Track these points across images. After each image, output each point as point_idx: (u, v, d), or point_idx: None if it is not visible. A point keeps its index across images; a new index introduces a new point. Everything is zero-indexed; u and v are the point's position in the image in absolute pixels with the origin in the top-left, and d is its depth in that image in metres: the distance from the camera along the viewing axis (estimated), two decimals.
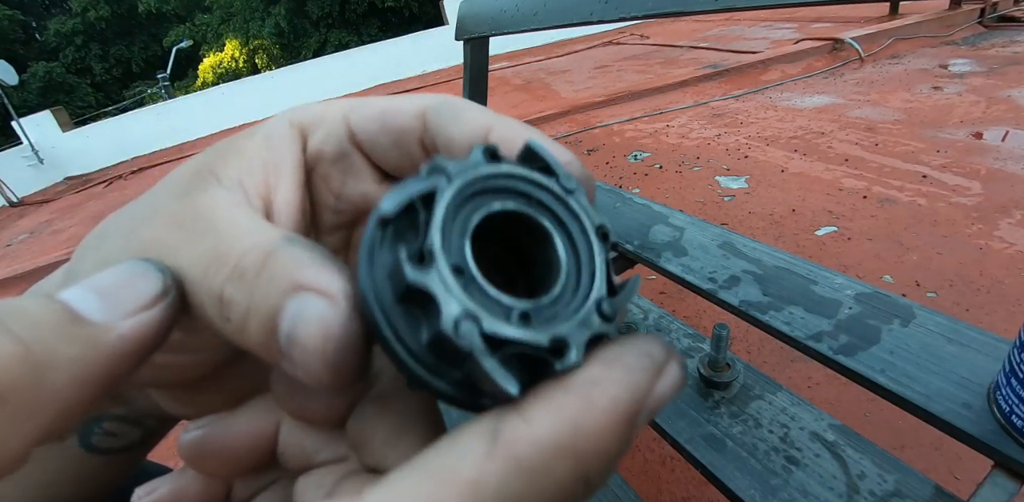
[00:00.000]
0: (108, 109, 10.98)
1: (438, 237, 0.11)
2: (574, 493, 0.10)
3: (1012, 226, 1.31)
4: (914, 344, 0.46)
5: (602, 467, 0.10)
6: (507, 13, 0.85)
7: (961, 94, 2.17)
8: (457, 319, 0.10)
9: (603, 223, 0.13)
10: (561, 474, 0.10)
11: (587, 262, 0.13)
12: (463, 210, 0.12)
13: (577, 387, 0.10)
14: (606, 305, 0.12)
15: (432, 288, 0.10)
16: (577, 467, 0.10)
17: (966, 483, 0.76)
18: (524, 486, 0.09)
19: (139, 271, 0.11)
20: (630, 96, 2.98)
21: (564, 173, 0.13)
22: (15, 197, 5.07)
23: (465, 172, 0.12)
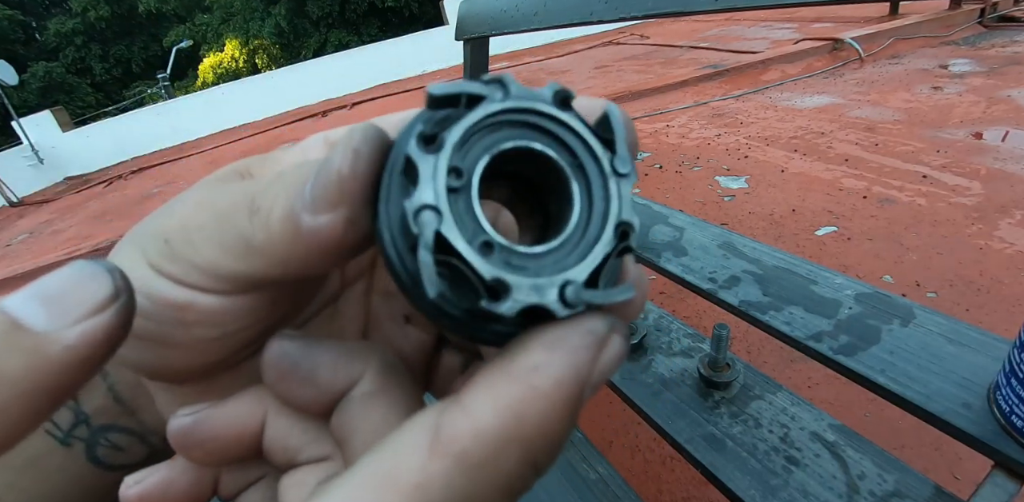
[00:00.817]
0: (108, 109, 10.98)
1: (459, 133, 0.11)
2: (523, 478, 0.10)
3: (1012, 226, 1.31)
4: (914, 344, 0.46)
5: (549, 449, 0.10)
6: (507, 13, 0.85)
7: (961, 94, 2.17)
8: (422, 206, 0.10)
9: (628, 220, 0.12)
10: (508, 464, 0.10)
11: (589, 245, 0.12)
12: (502, 131, 0.12)
13: (519, 373, 0.10)
14: (570, 291, 0.11)
15: (420, 169, 0.11)
16: (524, 454, 0.10)
17: (966, 483, 0.76)
18: (471, 481, 0.09)
19: (87, 273, 0.11)
20: (630, 96, 2.98)
21: (623, 155, 0.12)
22: (15, 197, 5.07)
23: (523, 98, 0.12)
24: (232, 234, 0.12)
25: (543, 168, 0.12)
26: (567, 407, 0.10)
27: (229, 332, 0.14)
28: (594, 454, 0.47)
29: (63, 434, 0.17)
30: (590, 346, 0.11)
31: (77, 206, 4.36)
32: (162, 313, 0.13)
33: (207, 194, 0.13)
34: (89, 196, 4.68)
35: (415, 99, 4.86)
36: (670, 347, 0.54)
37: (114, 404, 0.17)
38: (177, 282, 0.13)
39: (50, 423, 0.16)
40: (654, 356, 0.53)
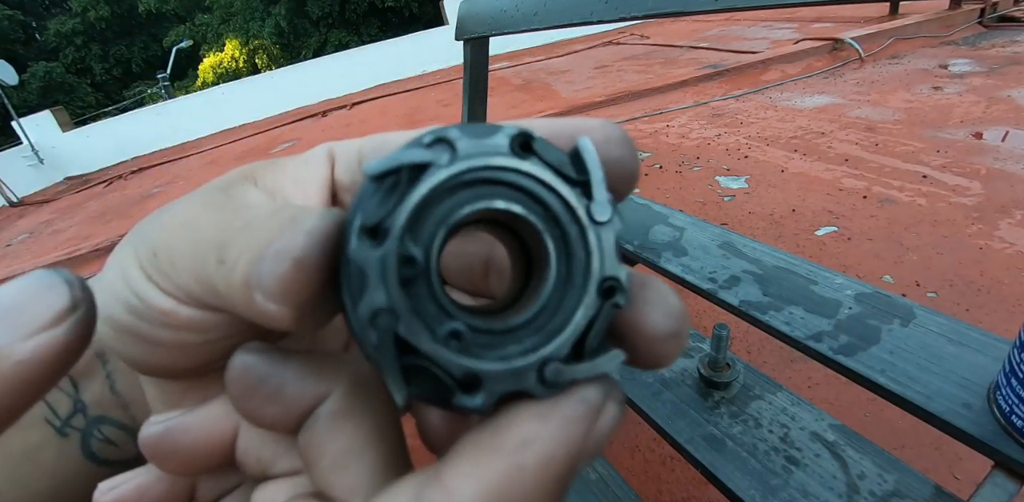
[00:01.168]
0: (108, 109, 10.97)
1: (404, 215, 0.10)
2: None
3: (1012, 226, 1.31)
4: (914, 344, 0.46)
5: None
6: (507, 13, 0.85)
7: (961, 94, 2.17)
8: (375, 311, 0.10)
9: (614, 275, 0.11)
10: None
11: (569, 311, 0.11)
12: (458, 194, 0.11)
13: (505, 448, 0.09)
14: (550, 371, 0.10)
15: (367, 270, 0.10)
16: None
17: (966, 483, 0.76)
18: None
19: (44, 284, 0.10)
20: (630, 96, 2.98)
21: (601, 200, 0.11)
22: (15, 197, 5.07)
23: (473, 157, 0.10)
24: (203, 273, 0.12)
25: (514, 222, 0.11)
26: (557, 485, 0.09)
27: (212, 339, 0.14)
28: None
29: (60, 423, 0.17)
30: (584, 418, 0.10)
31: (77, 206, 4.36)
32: (150, 314, 0.13)
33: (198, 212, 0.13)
34: (89, 196, 4.68)
35: (415, 99, 4.86)
36: None
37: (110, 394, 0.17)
38: (161, 291, 0.13)
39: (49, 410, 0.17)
40: None
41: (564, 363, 0.10)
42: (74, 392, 0.17)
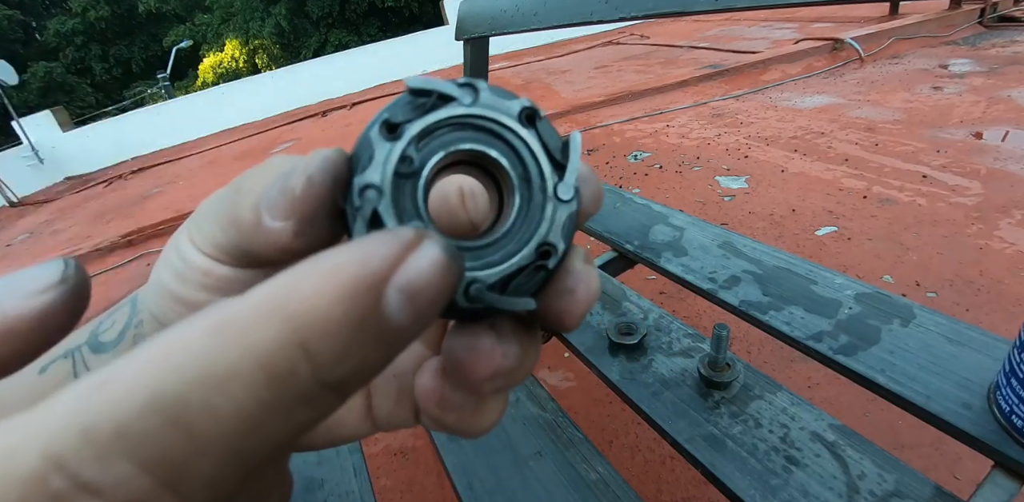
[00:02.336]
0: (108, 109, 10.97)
1: (419, 128, 0.12)
2: (292, 361, 0.09)
3: (1012, 226, 1.31)
4: (914, 344, 0.46)
5: (324, 333, 0.09)
6: (507, 13, 0.85)
7: (961, 94, 2.17)
8: (366, 185, 0.12)
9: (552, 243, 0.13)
10: (266, 334, 0.09)
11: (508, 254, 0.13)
12: (464, 131, 0.13)
13: (303, 263, 0.10)
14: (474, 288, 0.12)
15: (375, 152, 0.12)
16: (288, 330, 0.09)
17: (966, 483, 0.76)
18: (220, 346, 0.09)
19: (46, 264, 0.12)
20: (630, 96, 2.98)
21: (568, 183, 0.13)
22: (15, 197, 5.07)
23: (488, 108, 0.13)
24: (224, 207, 0.14)
25: (496, 171, 0.13)
26: (345, 289, 0.09)
27: None
28: (594, 454, 0.47)
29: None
30: (387, 243, 0.10)
31: (77, 206, 4.36)
32: (191, 276, 0.15)
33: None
34: (89, 196, 4.67)
35: None
36: (670, 347, 0.54)
37: None
38: (199, 250, 0.15)
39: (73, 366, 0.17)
40: (654, 356, 0.53)
41: (487, 289, 0.12)
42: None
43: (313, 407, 0.09)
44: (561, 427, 0.50)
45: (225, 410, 0.08)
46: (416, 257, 0.10)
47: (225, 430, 0.08)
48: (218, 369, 0.09)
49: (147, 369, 0.09)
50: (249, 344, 0.09)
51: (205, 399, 0.08)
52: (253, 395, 0.09)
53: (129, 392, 0.08)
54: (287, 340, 0.09)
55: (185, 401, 0.08)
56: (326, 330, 0.09)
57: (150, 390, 0.08)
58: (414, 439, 1.05)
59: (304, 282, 0.09)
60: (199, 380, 0.08)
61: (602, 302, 0.63)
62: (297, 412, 0.09)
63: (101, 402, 0.08)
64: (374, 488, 0.53)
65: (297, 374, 0.09)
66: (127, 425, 0.08)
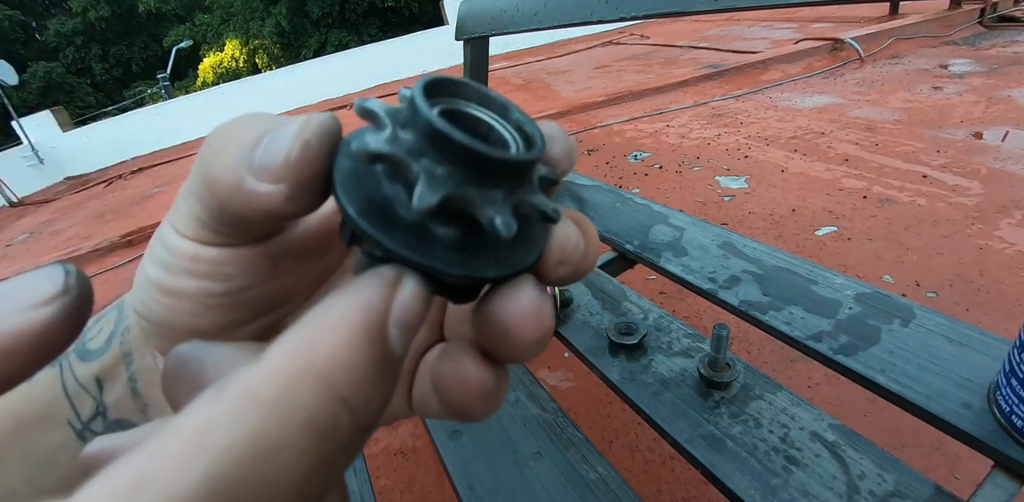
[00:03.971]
0: (108, 109, 10.96)
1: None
2: (330, 414, 0.09)
3: (1012, 226, 1.31)
4: (914, 344, 0.46)
5: (356, 382, 0.10)
6: (507, 13, 0.85)
7: (961, 94, 2.17)
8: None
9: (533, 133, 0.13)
10: (307, 397, 0.09)
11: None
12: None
13: (309, 317, 0.10)
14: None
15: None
16: (324, 386, 0.09)
17: (966, 483, 0.76)
18: (263, 419, 0.08)
19: (44, 273, 0.12)
20: (630, 96, 2.98)
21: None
22: (15, 197, 5.07)
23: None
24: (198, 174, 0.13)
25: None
26: (362, 335, 0.10)
27: (235, 288, 0.15)
28: (594, 454, 0.47)
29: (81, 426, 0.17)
30: (377, 284, 0.11)
31: (77, 206, 4.36)
32: (178, 264, 0.14)
33: None
34: (89, 196, 4.67)
35: None
36: (670, 347, 0.54)
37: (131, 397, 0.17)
38: (183, 235, 0.14)
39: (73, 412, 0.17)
40: (654, 356, 0.53)
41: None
42: (98, 393, 0.17)
43: (350, 453, 0.10)
44: (561, 427, 0.50)
45: (280, 480, 0.08)
46: (403, 294, 0.11)
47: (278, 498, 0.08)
48: (269, 440, 0.08)
49: (189, 455, 0.08)
50: (291, 409, 0.09)
51: (261, 474, 0.08)
52: (304, 459, 0.09)
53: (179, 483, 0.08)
54: (328, 398, 0.09)
55: (242, 481, 0.08)
56: (357, 378, 0.10)
57: (202, 479, 0.08)
58: (414, 439, 1.05)
59: (319, 338, 0.10)
60: (251, 457, 0.08)
61: (602, 302, 0.63)
62: (339, 462, 0.09)
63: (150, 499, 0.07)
64: (374, 488, 0.53)
65: (338, 427, 0.09)
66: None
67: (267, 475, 0.08)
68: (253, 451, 0.08)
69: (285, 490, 0.08)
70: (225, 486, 0.08)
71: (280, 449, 0.08)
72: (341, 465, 0.10)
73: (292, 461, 0.08)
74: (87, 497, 0.08)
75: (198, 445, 0.08)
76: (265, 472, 0.08)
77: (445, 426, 0.52)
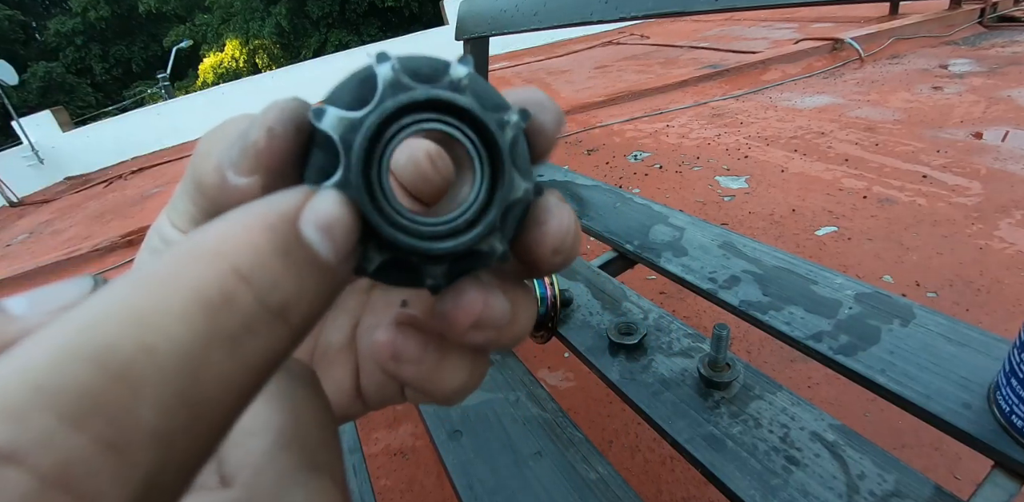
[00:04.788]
0: (108, 109, 10.97)
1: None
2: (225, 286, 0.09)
3: (1012, 226, 1.31)
4: (914, 344, 0.46)
5: (254, 258, 0.10)
6: (507, 13, 0.85)
7: (961, 94, 2.17)
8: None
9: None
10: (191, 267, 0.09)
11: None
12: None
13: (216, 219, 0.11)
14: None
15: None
16: (218, 260, 0.09)
17: (966, 483, 0.76)
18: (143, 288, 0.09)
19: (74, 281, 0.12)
20: (630, 96, 2.98)
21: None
22: (15, 197, 5.07)
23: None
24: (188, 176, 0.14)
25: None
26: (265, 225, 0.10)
27: None
28: (594, 454, 0.47)
29: None
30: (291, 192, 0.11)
31: (77, 206, 4.36)
32: None
33: None
34: (89, 196, 4.67)
35: None
36: (670, 347, 0.54)
37: None
38: (179, 230, 0.15)
39: None
40: (654, 356, 0.53)
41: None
42: None
43: (260, 336, 0.09)
44: (561, 427, 0.50)
45: (162, 348, 0.08)
46: (317, 198, 0.11)
47: (165, 371, 0.08)
48: (149, 308, 0.08)
49: (66, 322, 0.08)
50: (181, 281, 0.09)
51: (138, 339, 0.08)
52: (191, 328, 0.08)
53: (45, 344, 0.08)
54: (217, 268, 0.09)
55: (114, 343, 0.08)
56: (256, 256, 0.10)
57: (69, 339, 0.08)
58: (414, 439, 1.05)
59: (223, 226, 0.10)
60: (128, 321, 0.08)
61: (602, 302, 0.63)
62: (243, 342, 0.09)
63: (13, 362, 0.07)
64: (374, 488, 0.53)
65: (235, 299, 0.09)
66: (44, 377, 0.07)
67: (144, 339, 0.08)
68: (131, 315, 0.08)
69: (167, 360, 0.08)
70: (94, 347, 0.08)
71: (161, 314, 0.08)
72: (250, 347, 0.09)
73: (177, 328, 0.08)
74: None
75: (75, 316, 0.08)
76: (142, 336, 0.08)
77: (445, 426, 0.52)
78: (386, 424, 1.10)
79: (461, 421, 0.52)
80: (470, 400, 0.54)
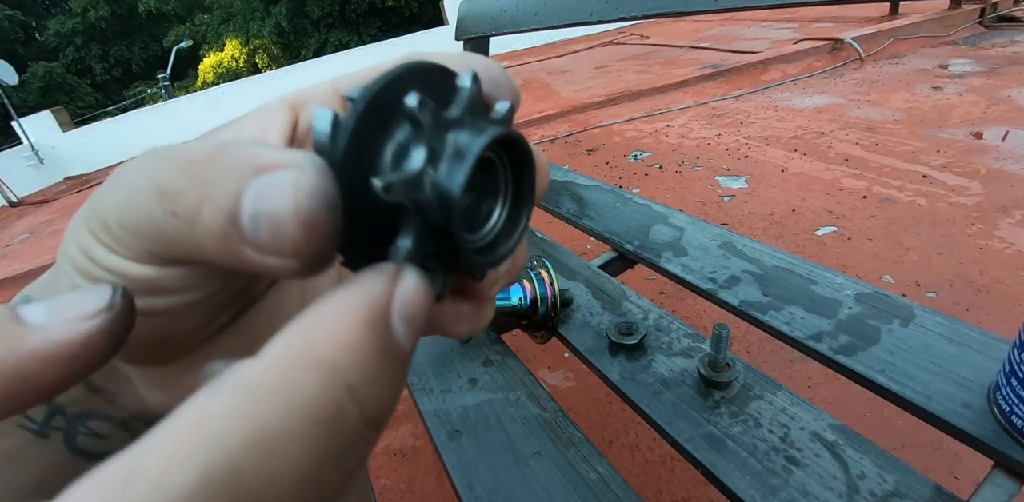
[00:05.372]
0: (108, 109, 10.97)
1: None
2: (340, 404, 0.09)
3: (1012, 226, 1.31)
4: (914, 344, 0.46)
5: (361, 370, 0.09)
6: (507, 13, 0.85)
7: (961, 94, 2.17)
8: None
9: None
10: (309, 384, 0.09)
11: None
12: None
13: (308, 311, 0.10)
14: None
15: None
16: (327, 373, 0.09)
17: (966, 483, 0.76)
18: (263, 408, 0.08)
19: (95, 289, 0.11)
20: (630, 96, 2.98)
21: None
22: (15, 197, 5.07)
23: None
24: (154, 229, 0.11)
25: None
26: (363, 324, 0.10)
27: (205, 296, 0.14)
28: (594, 454, 0.47)
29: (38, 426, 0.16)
30: (376, 277, 0.11)
31: (77, 206, 4.33)
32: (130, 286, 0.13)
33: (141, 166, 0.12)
34: (89, 196, 4.67)
35: None
36: (670, 347, 0.54)
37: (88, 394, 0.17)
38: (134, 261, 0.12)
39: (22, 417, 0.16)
40: (654, 356, 0.53)
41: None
42: None
43: (359, 450, 0.09)
44: (561, 427, 0.50)
45: (284, 471, 0.08)
46: (403, 286, 0.11)
47: (286, 492, 0.08)
48: (269, 430, 0.08)
49: (182, 449, 0.08)
50: (293, 396, 0.08)
51: (263, 464, 0.08)
52: (309, 449, 0.08)
53: (171, 478, 0.07)
54: (332, 384, 0.09)
55: (242, 471, 0.08)
56: (362, 366, 0.09)
57: (199, 468, 0.07)
58: (414, 439, 1.05)
59: (323, 326, 0.09)
60: (252, 446, 0.08)
61: (602, 302, 0.63)
62: (347, 459, 0.09)
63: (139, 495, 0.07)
64: (374, 488, 0.53)
65: (345, 417, 0.09)
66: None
67: (268, 467, 0.08)
68: (252, 442, 0.08)
69: (291, 483, 0.08)
70: (222, 479, 0.07)
71: (282, 439, 0.08)
72: (351, 462, 0.09)
73: (296, 452, 0.08)
74: (73, 495, 0.07)
75: (192, 439, 0.08)
76: (266, 464, 0.08)
77: (445, 426, 0.52)
78: None
79: (461, 421, 0.52)
80: (470, 400, 0.54)
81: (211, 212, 0.10)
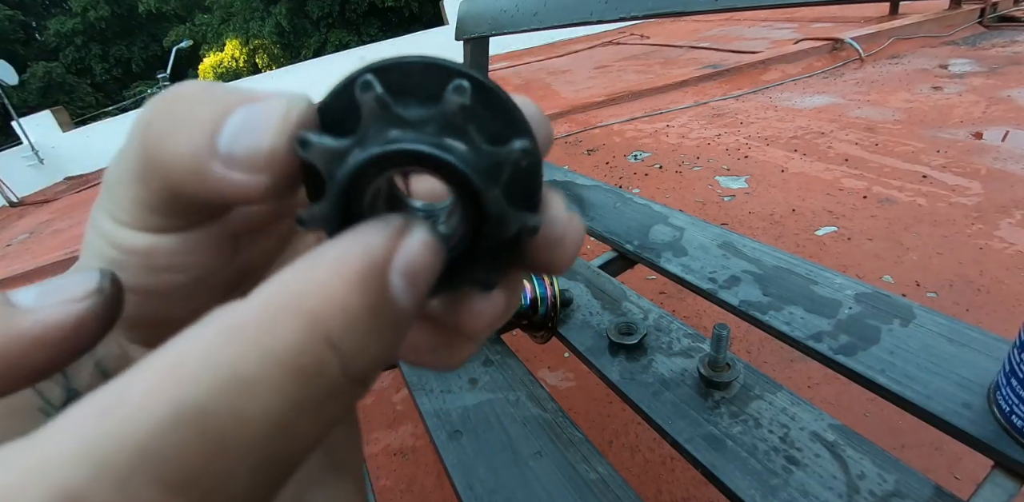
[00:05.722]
0: (108, 109, 10.97)
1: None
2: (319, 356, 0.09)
3: (1012, 226, 1.31)
4: (914, 344, 0.46)
5: (346, 325, 0.09)
6: (507, 13, 0.85)
7: (961, 94, 2.17)
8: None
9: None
10: (289, 332, 0.09)
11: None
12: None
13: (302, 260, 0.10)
14: None
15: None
16: (309, 323, 0.09)
17: (966, 483, 0.76)
18: (240, 350, 0.08)
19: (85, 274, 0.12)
20: (630, 96, 2.98)
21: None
22: (15, 197, 5.07)
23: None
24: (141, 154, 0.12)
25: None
26: (355, 277, 0.10)
27: (200, 275, 0.14)
28: (594, 454, 0.47)
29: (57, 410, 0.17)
30: (381, 228, 0.10)
31: (77, 206, 4.36)
32: (130, 262, 0.13)
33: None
34: (89, 196, 4.67)
35: None
36: (670, 347, 0.54)
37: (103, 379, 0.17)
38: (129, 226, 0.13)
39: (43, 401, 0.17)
40: (654, 356, 0.53)
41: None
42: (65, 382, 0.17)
43: (341, 401, 0.09)
44: (561, 427, 0.50)
45: (255, 415, 0.08)
46: (409, 241, 0.10)
47: (257, 437, 0.08)
48: (243, 373, 0.08)
49: (161, 383, 0.08)
50: (272, 343, 0.09)
51: (233, 406, 0.08)
52: (283, 396, 0.08)
53: (145, 409, 0.08)
54: (312, 335, 0.09)
55: (211, 411, 0.08)
56: (347, 320, 0.09)
57: (170, 404, 0.08)
58: (414, 439, 1.05)
59: (313, 277, 0.09)
60: (224, 387, 0.08)
61: (602, 302, 0.63)
62: (327, 408, 0.09)
63: (114, 423, 0.07)
64: (374, 488, 0.53)
65: (325, 369, 0.09)
66: (149, 445, 0.07)
67: (237, 409, 0.08)
68: (223, 383, 0.08)
69: (261, 428, 0.08)
70: (194, 415, 0.08)
71: (255, 382, 0.08)
72: (329, 413, 0.09)
73: (268, 398, 0.08)
74: (57, 424, 0.08)
75: (170, 375, 0.08)
76: (235, 406, 0.08)
77: (445, 426, 0.52)
78: (386, 424, 1.10)
79: (461, 421, 0.52)
80: (470, 400, 0.54)
81: (188, 129, 0.11)
